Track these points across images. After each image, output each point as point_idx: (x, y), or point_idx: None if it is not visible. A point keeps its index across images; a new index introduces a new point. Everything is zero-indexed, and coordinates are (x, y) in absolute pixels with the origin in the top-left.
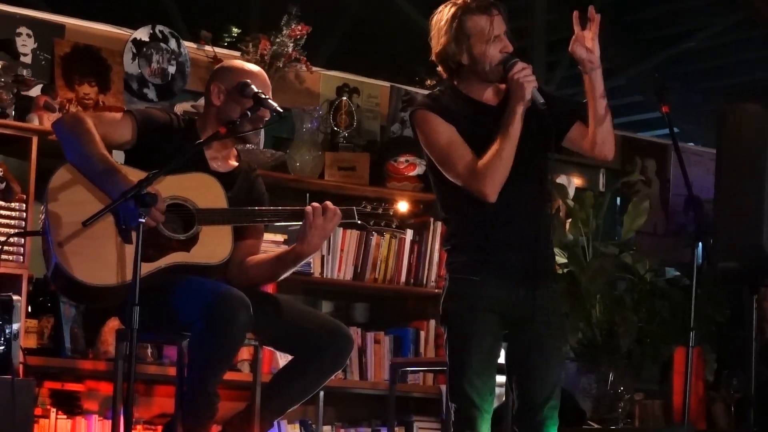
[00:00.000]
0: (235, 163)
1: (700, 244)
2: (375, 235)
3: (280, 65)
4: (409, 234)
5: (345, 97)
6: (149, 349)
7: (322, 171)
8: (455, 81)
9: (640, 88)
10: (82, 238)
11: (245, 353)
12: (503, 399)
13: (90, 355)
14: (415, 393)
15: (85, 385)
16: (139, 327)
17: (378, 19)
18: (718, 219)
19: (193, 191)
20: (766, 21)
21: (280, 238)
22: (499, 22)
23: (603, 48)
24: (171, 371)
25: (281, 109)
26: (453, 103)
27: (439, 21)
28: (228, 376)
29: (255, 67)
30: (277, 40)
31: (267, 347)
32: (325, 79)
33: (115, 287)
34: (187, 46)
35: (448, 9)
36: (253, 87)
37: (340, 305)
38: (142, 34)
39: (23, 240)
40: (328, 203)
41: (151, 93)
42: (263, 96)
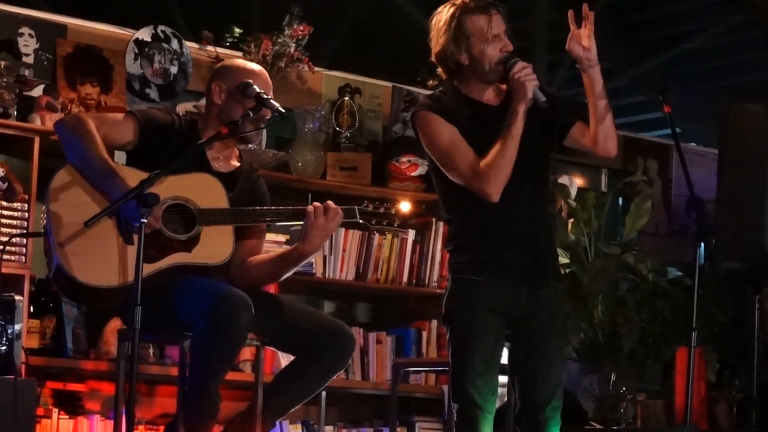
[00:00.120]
0: (236, 163)
1: (702, 244)
2: (377, 235)
3: (282, 65)
4: (411, 234)
5: (347, 98)
6: (151, 350)
7: (324, 171)
8: (456, 82)
9: (642, 89)
10: (83, 238)
11: (247, 353)
12: (505, 399)
13: (92, 356)
14: (417, 393)
15: (87, 386)
16: (141, 327)
17: (380, 19)
18: (719, 219)
19: (194, 191)
20: None
21: (282, 238)
22: (498, 22)
23: (605, 48)
24: (173, 371)
25: (283, 110)
26: (454, 103)
27: (438, 22)
28: (230, 376)
29: (256, 66)
30: (279, 40)
31: (269, 347)
32: (327, 80)
33: (116, 288)
34: (189, 46)
35: (447, 9)
36: (255, 87)
37: (342, 305)
38: (144, 35)
39: (25, 240)
40: (329, 203)
41: (153, 93)
42: (265, 96)
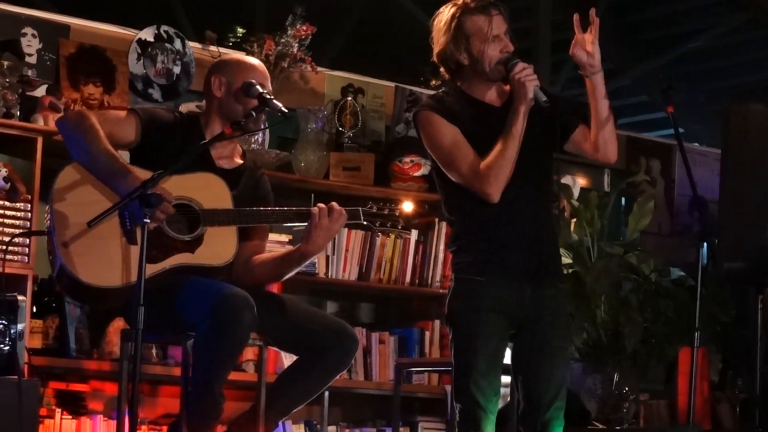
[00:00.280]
0: (240, 161)
1: (705, 244)
2: (380, 235)
3: (285, 65)
4: (414, 234)
5: (350, 98)
6: (154, 350)
7: (327, 171)
8: (459, 82)
9: (645, 89)
10: (86, 238)
11: (250, 353)
12: (508, 399)
13: (95, 356)
14: (420, 393)
15: (90, 386)
16: (144, 327)
17: (383, 19)
18: (723, 219)
19: (198, 191)
20: None
21: (285, 238)
22: (499, 22)
23: (607, 49)
24: (176, 371)
25: (286, 110)
26: (457, 104)
27: (440, 22)
28: (233, 376)
29: (253, 59)
30: (282, 41)
31: (272, 347)
32: (329, 80)
33: (119, 288)
34: (192, 46)
35: (448, 10)
36: (258, 87)
37: (345, 305)
38: (147, 35)
39: (28, 240)
40: (333, 204)
41: (156, 93)
42: (268, 96)
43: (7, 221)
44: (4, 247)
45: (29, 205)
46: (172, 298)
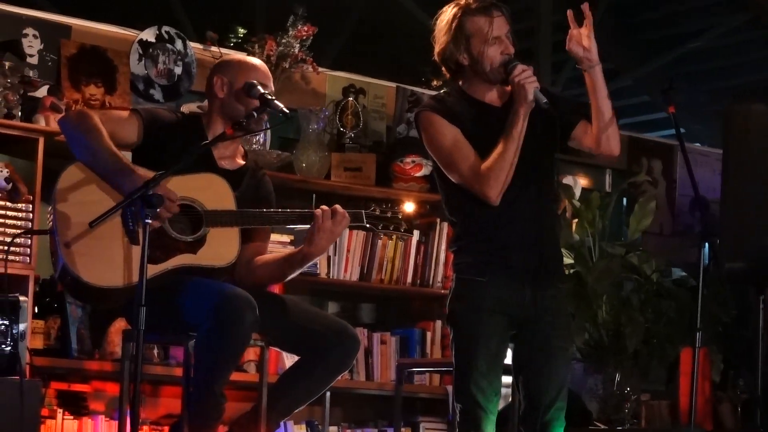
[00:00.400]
0: (242, 161)
1: (706, 245)
2: (382, 236)
3: (287, 66)
4: (415, 235)
5: (351, 98)
6: (156, 350)
7: (329, 172)
8: (460, 82)
9: (646, 89)
10: (89, 238)
11: (252, 354)
12: (509, 400)
13: (96, 356)
14: (422, 393)
15: (91, 386)
16: (146, 328)
17: (384, 19)
18: (724, 219)
19: (201, 192)
20: None
21: (287, 238)
22: (500, 24)
23: (608, 49)
24: (177, 372)
25: (287, 110)
26: (458, 104)
27: (441, 21)
28: (234, 376)
29: (256, 60)
30: (283, 41)
31: (273, 348)
32: (331, 80)
33: (121, 289)
34: (193, 46)
35: (449, 9)
36: (259, 88)
37: (347, 306)
38: (149, 35)
39: (30, 241)
40: (336, 207)
41: (157, 94)
42: (269, 97)
43: (8, 222)
44: (6, 247)
45: (31, 206)
46: (174, 298)
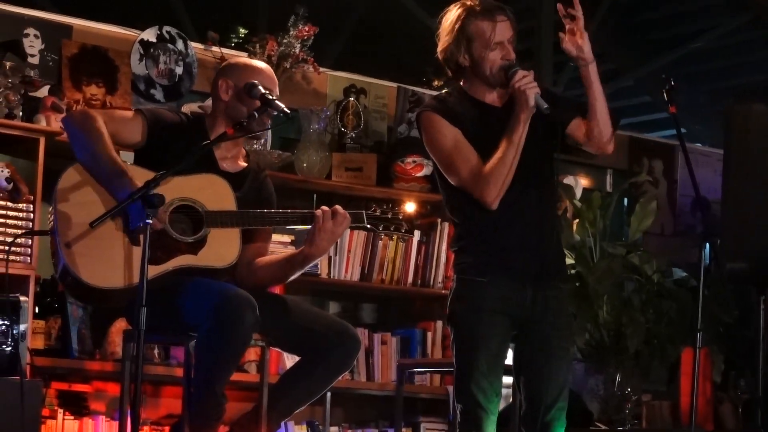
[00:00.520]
0: (244, 163)
1: (707, 245)
2: (382, 236)
3: (288, 66)
4: (416, 235)
5: (352, 98)
6: (156, 350)
7: (330, 172)
8: (462, 82)
9: (647, 89)
10: (89, 239)
11: (252, 354)
12: (510, 400)
13: (97, 356)
14: (423, 394)
15: (92, 386)
16: (146, 328)
17: (385, 19)
18: (725, 219)
19: (202, 193)
20: None
21: (287, 238)
22: (504, 29)
23: (609, 49)
24: (178, 372)
25: (288, 110)
26: (459, 104)
27: (446, 21)
28: (235, 377)
29: (262, 64)
30: (285, 41)
31: (274, 348)
32: (332, 80)
33: (121, 289)
34: (195, 47)
35: (455, 10)
36: (260, 88)
37: (348, 306)
38: (150, 35)
39: (31, 241)
40: (337, 207)
41: (158, 94)
42: (270, 97)
43: (9, 222)
44: (7, 247)
45: (32, 206)
46: (175, 298)
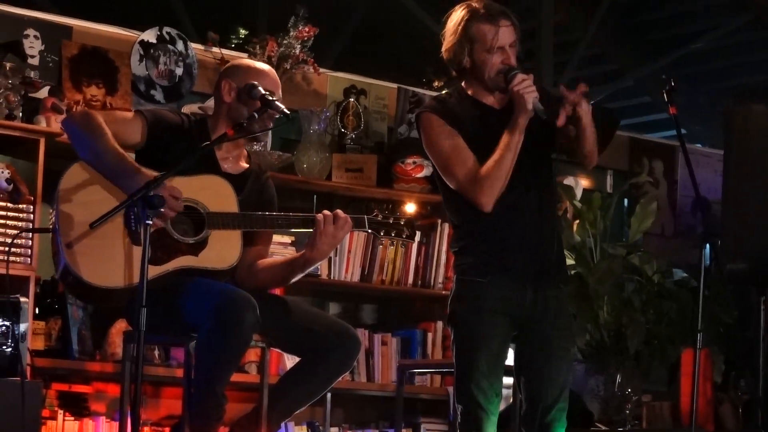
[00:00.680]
0: (245, 164)
1: (707, 246)
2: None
3: (288, 67)
4: (416, 236)
5: (352, 99)
6: (156, 351)
7: (330, 172)
8: (464, 83)
9: (647, 90)
10: (91, 238)
11: (252, 355)
12: (510, 401)
13: (97, 357)
14: (423, 395)
15: (92, 387)
16: (147, 328)
17: (385, 20)
18: (725, 220)
19: (204, 194)
20: None
21: (288, 239)
22: (506, 34)
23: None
24: (178, 373)
25: (288, 111)
26: (459, 105)
27: (450, 21)
28: (235, 377)
29: (264, 66)
30: (285, 42)
31: (274, 349)
32: (332, 81)
33: (122, 289)
34: (195, 47)
35: (459, 11)
36: (260, 89)
37: (348, 307)
38: (150, 36)
39: (31, 242)
40: (339, 212)
41: (158, 95)
42: (271, 98)
43: (9, 223)
44: (7, 248)
45: (32, 207)
46: (175, 299)
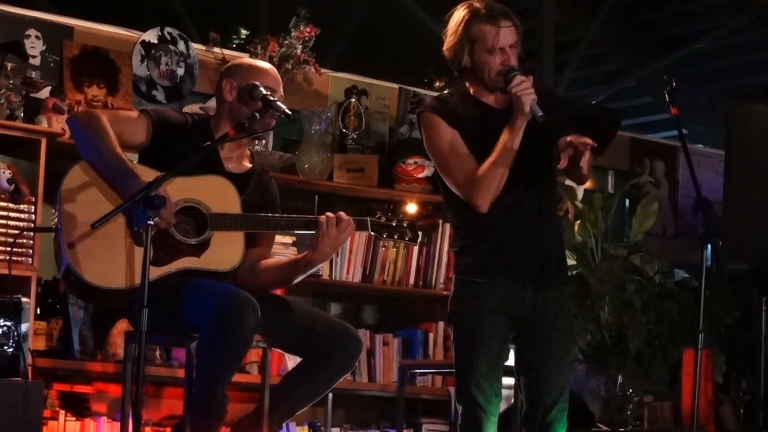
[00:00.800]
0: (248, 164)
1: (709, 246)
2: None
3: (289, 67)
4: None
5: (353, 99)
6: (158, 351)
7: (331, 173)
8: (466, 82)
9: (648, 90)
10: (93, 238)
11: (254, 355)
12: (511, 401)
13: (99, 357)
14: (424, 395)
15: (93, 387)
16: (148, 329)
17: (386, 20)
18: (727, 220)
19: (207, 194)
20: None
21: (289, 239)
22: (507, 35)
23: (611, 50)
24: (180, 373)
25: (290, 111)
26: (461, 105)
27: (452, 20)
28: (237, 378)
29: (266, 65)
30: (286, 42)
31: (276, 349)
32: (333, 81)
33: (124, 290)
34: (196, 48)
35: (461, 10)
36: (261, 89)
37: (349, 307)
38: (151, 36)
39: (32, 242)
40: (341, 214)
41: (159, 95)
42: (271, 98)
43: (11, 223)
44: (9, 248)
45: (33, 207)
46: (177, 299)
